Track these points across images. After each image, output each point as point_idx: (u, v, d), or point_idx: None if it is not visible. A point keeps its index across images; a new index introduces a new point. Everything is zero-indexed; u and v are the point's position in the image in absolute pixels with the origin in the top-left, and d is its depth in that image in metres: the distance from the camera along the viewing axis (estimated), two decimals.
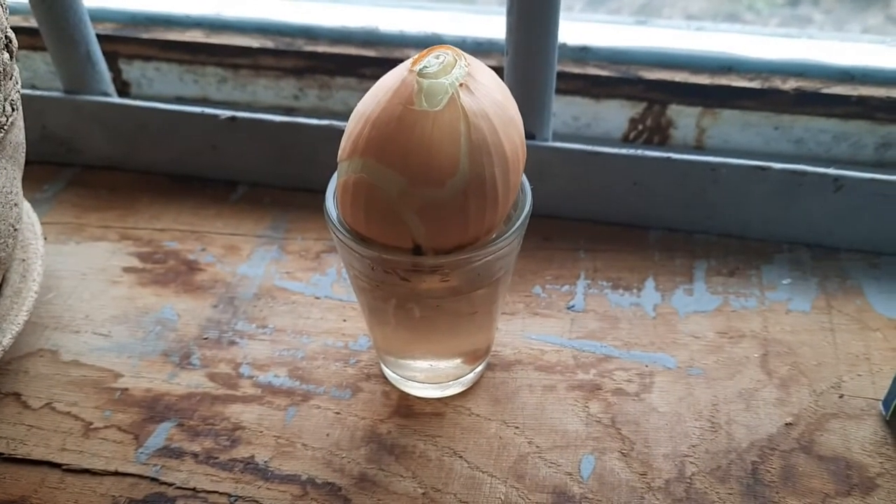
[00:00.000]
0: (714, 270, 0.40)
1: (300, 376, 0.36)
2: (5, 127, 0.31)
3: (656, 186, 0.41)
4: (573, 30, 0.45)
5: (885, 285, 0.39)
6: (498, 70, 0.39)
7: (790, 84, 0.43)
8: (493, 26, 0.46)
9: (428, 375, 0.34)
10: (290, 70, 0.48)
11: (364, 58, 0.46)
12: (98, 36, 0.45)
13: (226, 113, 0.44)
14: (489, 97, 0.26)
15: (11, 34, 0.32)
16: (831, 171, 0.39)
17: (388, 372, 0.35)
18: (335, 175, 0.29)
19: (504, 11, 0.37)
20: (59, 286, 0.41)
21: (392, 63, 0.45)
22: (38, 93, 0.46)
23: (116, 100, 0.46)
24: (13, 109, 0.32)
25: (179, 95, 0.51)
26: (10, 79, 0.32)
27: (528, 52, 0.38)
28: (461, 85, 0.26)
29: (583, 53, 0.45)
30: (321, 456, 0.32)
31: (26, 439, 0.33)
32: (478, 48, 0.46)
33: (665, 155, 0.40)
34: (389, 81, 0.26)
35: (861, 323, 0.37)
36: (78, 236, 0.44)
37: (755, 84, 0.43)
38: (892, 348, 0.36)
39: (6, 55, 0.31)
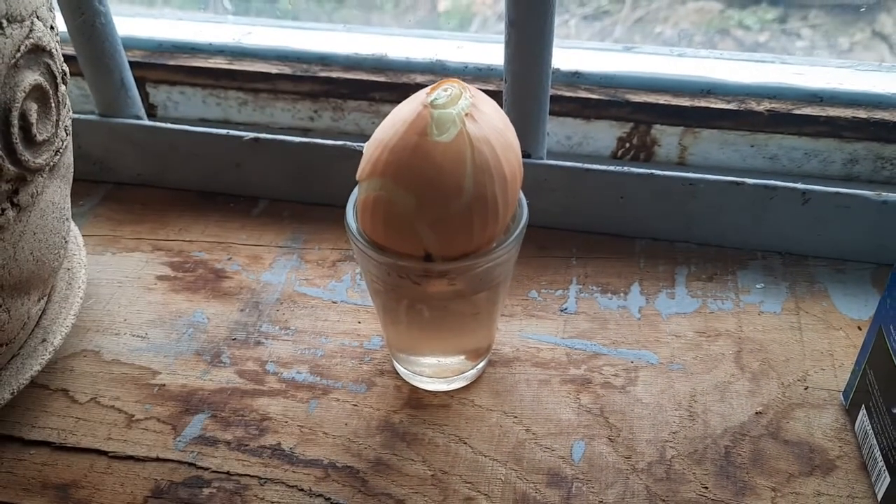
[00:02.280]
0: (694, 276, 0.44)
1: (320, 372, 0.39)
2: (61, 150, 0.35)
3: (641, 200, 0.45)
4: (565, 56, 0.49)
5: (850, 289, 0.43)
6: (497, 94, 0.43)
7: (764, 105, 0.46)
8: (492, 53, 0.50)
9: (435, 371, 0.38)
10: (306, 94, 0.52)
11: (374, 83, 0.50)
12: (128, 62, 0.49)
13: (249, 134, 0.48)
14: (490, 125, 0.30)
15: (66, 67, 0.36)
16: (799, 185, 0.43)
17: (399, 368, 0.39)
18: (354, 192, 0.33)
19: (502, 41, 0.41)
20: (97, 293, 0.44)
21: (400, 87, 0.49)
22: (75, 116, 0.50)
23: (148, 122, 0.50)
24: (66, 134, 0.36)
25: (203, 117, 0.55)
26: (65, 107, 0.36)
27: (524, 79, 0.42)
28: (466, 115, 0.29)
29: (574, 78, 0.49)
30: (341, 443, 0.36)
31: (75, 430, 0.37)
32: (478, 73, 0.50)
33: (649, 171, 0.44)
34: (405, 113, 0.30)
35: (826, 323, 0.41)
36: (114, 247, 0.48)
37: (732, 106, 0.47)
38: (853, 345, 0.39)
39: (63, 87, 0.35)
